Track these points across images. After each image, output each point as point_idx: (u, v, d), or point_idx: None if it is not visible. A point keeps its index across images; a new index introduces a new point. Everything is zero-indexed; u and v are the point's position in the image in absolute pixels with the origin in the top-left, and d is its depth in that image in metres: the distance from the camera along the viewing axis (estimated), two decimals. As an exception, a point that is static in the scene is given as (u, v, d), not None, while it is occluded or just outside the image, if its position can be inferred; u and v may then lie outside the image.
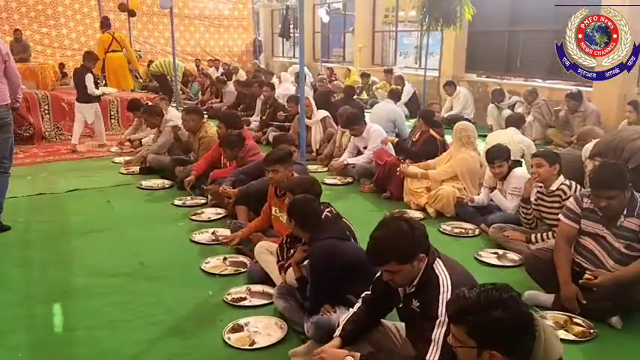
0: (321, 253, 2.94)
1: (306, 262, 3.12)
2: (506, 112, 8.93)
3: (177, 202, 5.51)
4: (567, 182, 3.92)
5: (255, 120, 9.34)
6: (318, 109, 7.83)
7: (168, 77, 12.07)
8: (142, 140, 7.58)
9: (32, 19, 15.86)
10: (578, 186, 3.91)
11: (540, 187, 4.12)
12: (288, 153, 4.05)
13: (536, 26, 9.65)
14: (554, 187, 4.00)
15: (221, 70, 16.25)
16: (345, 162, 6.14)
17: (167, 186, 6.11)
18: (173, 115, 7.04)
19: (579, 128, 7.62)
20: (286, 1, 20.71)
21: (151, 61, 16.53)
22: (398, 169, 5.37)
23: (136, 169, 6.73)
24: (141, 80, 16.30)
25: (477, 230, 4.61)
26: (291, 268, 3.20)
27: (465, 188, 5.02)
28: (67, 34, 16.76)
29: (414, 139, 6.31)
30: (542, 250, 3.60)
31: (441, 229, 4.68)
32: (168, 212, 5.27)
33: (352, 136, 6.40)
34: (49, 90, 10.00)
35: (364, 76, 12.18)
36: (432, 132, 5.95)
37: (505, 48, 10.34)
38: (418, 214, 5.03)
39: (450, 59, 11.23)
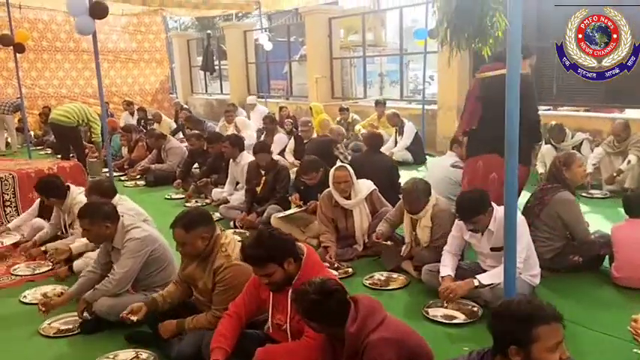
0: None
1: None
2: (573, 154, 6.74)
3: None
4: None
5: (228, 191, 6.42)
6: (312, 169, 5.19)
7: (79, 128, 8.77)
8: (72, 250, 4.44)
9: None
10: None
11: None
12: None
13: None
14: None
15: (136, 116, 13.07)
16: (476, 282, 3.45)
17: (152, 367, 3.11)
18: (134, 217, 4.03)
19: None
20: (206, 29, 17.87)
21: (46, 108, 13.04)
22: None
23: (72, 320, 3.65)
24: (32, 133, 12.75)
25: None
26: None
27: None
28: None
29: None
30: None
31: None
32: None
33: (469, 231, 3.75)
34: None
35: (343, 111, 9.59)
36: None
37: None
38: None
39: (452, 86, 9.00)
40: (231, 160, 6.35)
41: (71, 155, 8.73)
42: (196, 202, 6.88)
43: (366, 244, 4.76)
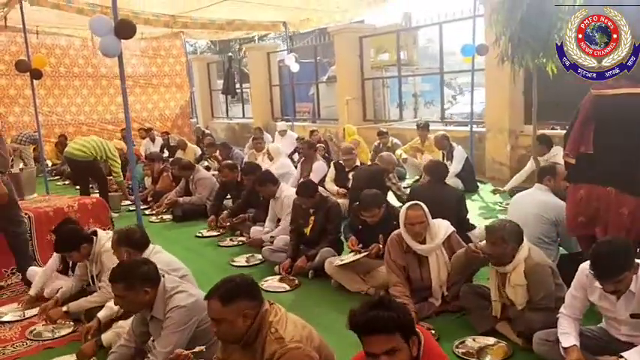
0: None
1: None
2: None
3: None
4: None
5: (270, 228, 5.69)
6: (374, 205, 4.42)
7: (98, 161, 8.05)
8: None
9: None
10: None
11: None
12: None
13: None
14: None
15: (159, 141, 12.49)
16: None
17: None
18: (175, 273, 3.32)
19: None
20: (227, 51, 17.37)
21: (62, 136, 12.52)
22: None
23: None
24: (49, 162, 12.20)
25: None
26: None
27: None
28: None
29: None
30: None
31: None
32: None
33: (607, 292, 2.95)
34: None
35: (382, 135, 8.87)
36: None
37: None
38: None
39: (503, 107, 8.26)
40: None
41: (90, 186, 8.08)
42: (231, 240, 6.19)
43: (445, 297, 4.00)
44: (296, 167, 7.91)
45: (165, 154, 11.36)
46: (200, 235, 6.52)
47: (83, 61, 14.55)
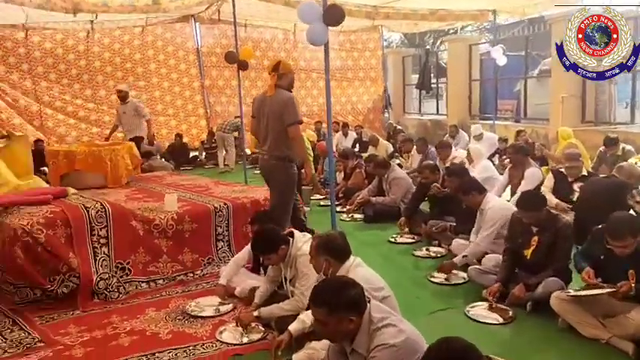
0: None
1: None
2: None
3: None
4: None
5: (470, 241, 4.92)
6: (628, 233, 3.40)
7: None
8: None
9: (118, 79, 12.71)
10: None
11: None
12: None
13: None
14: None
15: (351, 136, 12.30)
16: None
17: None
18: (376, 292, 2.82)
19: None
20: (423, 45, 16.69)
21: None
22: None
23: None
24: (248, 151, 12.65)
25: None
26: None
27: None
28: (160, 97, 13.51)
29: None
30: None
31: None
32: None
33: None
34: (123, 186, 6.34)
35: (610, 144, 7.43)
36: None
37: None
38: None
39: None
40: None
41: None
42: (427, 249, 5.56)
43: None
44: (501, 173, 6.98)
45: (357, 148, 11.14)
46: (393, 240, 6.01)
47: (285, 54, 15.01)
